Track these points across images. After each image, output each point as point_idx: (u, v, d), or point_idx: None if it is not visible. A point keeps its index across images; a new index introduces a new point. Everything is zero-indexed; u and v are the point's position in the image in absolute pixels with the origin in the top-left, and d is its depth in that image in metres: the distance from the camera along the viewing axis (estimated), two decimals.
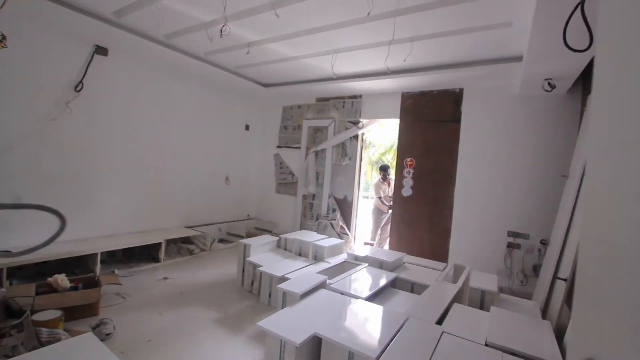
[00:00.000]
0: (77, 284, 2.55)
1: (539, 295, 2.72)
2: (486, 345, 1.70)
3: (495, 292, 2.39)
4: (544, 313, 2.49)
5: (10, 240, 2.88)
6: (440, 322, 1.95)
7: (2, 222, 2.88)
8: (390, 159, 11.38)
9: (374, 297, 2.34)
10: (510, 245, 3.52)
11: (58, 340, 1.91)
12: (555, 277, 2.51)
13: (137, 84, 3.85)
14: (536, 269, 3.37)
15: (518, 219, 3.52)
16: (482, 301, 2.41)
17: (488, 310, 2.32)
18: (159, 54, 3.61)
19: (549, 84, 2.95)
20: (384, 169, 5.31)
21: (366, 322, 1.84)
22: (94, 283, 2.61)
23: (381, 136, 11.33)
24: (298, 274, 2.65)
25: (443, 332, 1.77)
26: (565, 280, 2.23)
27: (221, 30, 2.51)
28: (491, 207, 3.68)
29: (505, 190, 3.61)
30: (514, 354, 1.63)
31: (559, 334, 1.96)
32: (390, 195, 5.00)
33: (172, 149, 4.35)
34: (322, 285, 2.31)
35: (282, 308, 2.10)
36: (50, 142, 3.15)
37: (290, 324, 1.76)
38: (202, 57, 3.83)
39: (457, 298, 2.43)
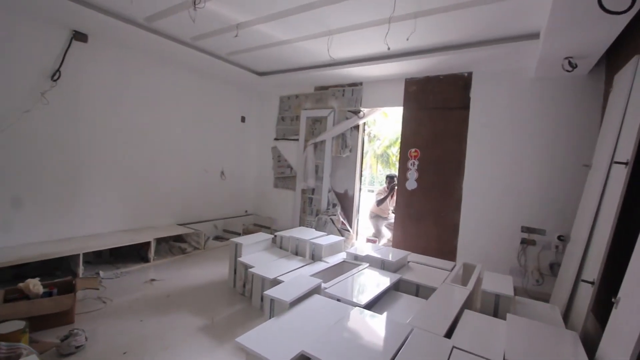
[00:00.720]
0: (51, 289, 2.35)
1: (559, 298, 2.45)
2: None
3: (512, 297, 2.13)
4: (565, 318, 2.22)
5: None
6: (449, 333, 1.70)
7: None
8: (396, 152, 11.08)
9: (374, 303, 2.09)
10: (524, 242, 3.24)
11: (18, 356, 1.70)
12: (578, 278, 2.24)
13: (121, 72, 3.60)
14: (553, 267, 3.09)
15: (533, 213, 3.23)
16: (496, 307, 2.15)
17: (503, 318, 2.07)
18: (143, 39, 3.36)
19: (570, 63, 2.64)
20: (390, 178, 4.88)
21: (364, 335, 1.60)
22: (70, 288, 2.40)
23: (386, 128, 11.03)
24: (292, 276, 2.41)
25: (453, 347, 1.52)
26: (591, 283, 1.96)
27: (194, 2, 2.24)
28: (503, 200, 3.39)
29: (518, 182, 3.32)
30: None
31: (586, 346, 1.70)
32: (389, 209, 4.71)
33: (163, 142, 4.11)
34: (316, 290, 2.07)
35: (270, 317, 1.87)
36: (25, 136, 2.93)
37: (275, 339, 1.52)
38: (190, 43, 3.57)
39: (468, 303, 2.17)
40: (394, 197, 4.63)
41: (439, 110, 3.81)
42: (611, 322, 1.55)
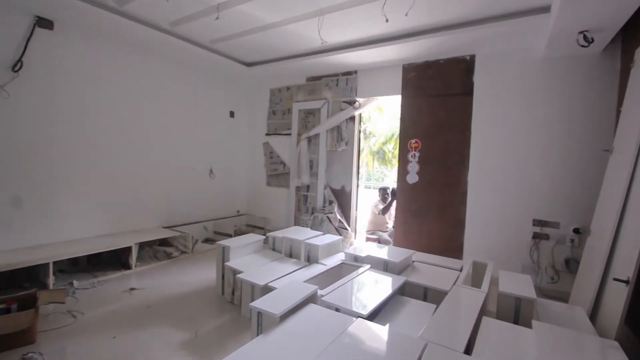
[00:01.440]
0: (10, 304, 2.05)
1: (582, 298, 2.21)
2: None
3: (534, 300, 1.88)
4: (592, 321, 1.98)
5: None
6: (468, 348, 1.45)
7: None
8: (392, 149, 10.85)
9: (378, 312, 1.83)
10: (536, 236, 3.00)
11: None
12: (605, 276, 2.00)
13: (94, 63, 3.29)
14: (569, 263, 2.86)
15: (545, 204, 2.99)
16: (516, 311, 1.91)
17: (525, 324, 1.82)
18: (116, 26, 3.06)
19: (585, 37, 2.40)
20: (383, 190, 4.45)
21: (368, 354, 1.34)
22: (33, 302, 2.11)
23: (381, 125, 10.80)
24: (285, 282, 2.14)
25: None
26: (626, 282, 1.71)
27: None
28: (512, 192, 3.15)
29: (528, 172, 3.08)
30: None
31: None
32: (388, 223, 4.35)
33: (145, 139, 3.81)
34: (311, 299, 1.81)
35: (258, 334, 1.60)
36: None
37: None
38: (168, 29, 3.27)
39: (483, 307, 1.92)
40: (391, 212, 4.34)
41: (440, 97, 3.55)
42: None
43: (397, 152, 3.80)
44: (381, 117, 10.53)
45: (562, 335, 1.54)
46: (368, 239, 4.21)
